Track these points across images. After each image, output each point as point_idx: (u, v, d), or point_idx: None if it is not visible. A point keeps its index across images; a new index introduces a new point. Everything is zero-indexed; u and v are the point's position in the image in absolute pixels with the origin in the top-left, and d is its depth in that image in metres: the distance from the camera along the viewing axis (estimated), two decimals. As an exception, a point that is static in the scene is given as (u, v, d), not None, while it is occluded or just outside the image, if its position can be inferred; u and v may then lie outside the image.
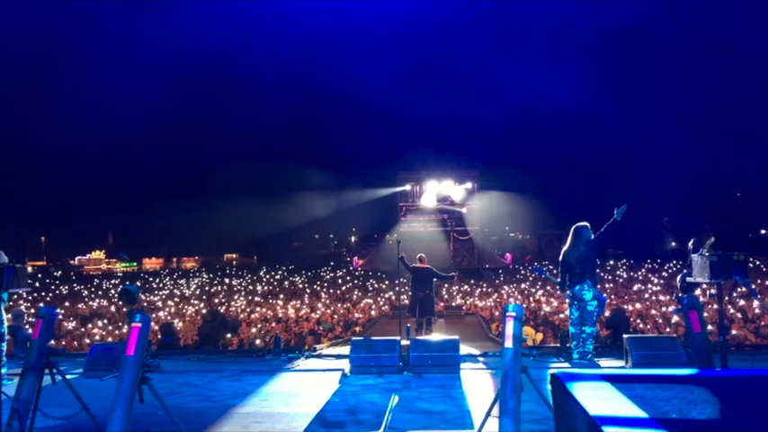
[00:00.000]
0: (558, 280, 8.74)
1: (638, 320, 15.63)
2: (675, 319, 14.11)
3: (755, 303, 15.07)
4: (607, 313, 13.69)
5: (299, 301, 24.49)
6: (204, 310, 21.49)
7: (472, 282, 31.95)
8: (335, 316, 19.69)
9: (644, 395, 3.45)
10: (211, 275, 46.03)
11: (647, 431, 2.88)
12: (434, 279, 11.46)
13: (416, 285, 11.25)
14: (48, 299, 29.85)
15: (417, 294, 11.15)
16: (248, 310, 22.22)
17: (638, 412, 3.27)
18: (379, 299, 25.00)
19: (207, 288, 34.81)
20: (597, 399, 3.47)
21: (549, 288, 23.11)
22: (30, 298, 27.09)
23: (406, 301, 12.67)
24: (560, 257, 8.59)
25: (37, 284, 36.37)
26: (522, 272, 34.77)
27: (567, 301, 8.57)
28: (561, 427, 3.87)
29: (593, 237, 8.39)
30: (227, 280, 40.04)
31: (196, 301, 26.37)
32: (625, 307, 17.34)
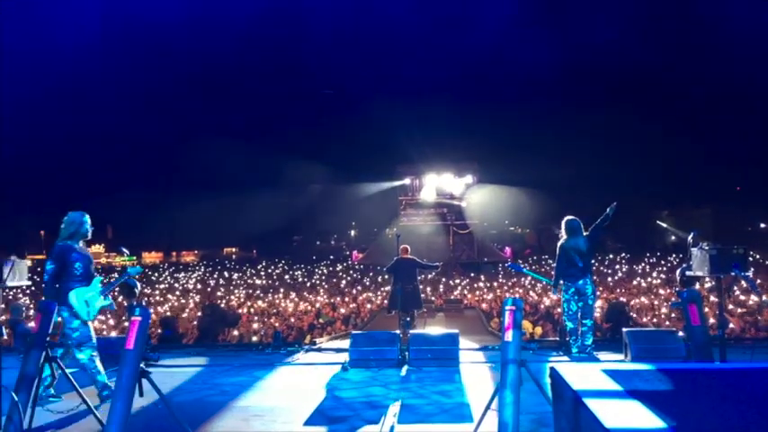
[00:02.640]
0: (545, 276, 8.72)
1: (638, 314, 15.65)
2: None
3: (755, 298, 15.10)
4: (599, 303, 13.73)
5: (298, 295, 24.53)
6: (204, 304, 21.50)
7: (472, 275, 31.99)
8: (335, 310, 19.72)
9: (645, 389, 3.46)
10: (211, 269, 46.07)
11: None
12: (418, 269, 11.01)
13: (400, 278, 10.53)
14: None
15: (404, 287, 10.55)
16: (248, 303, 22.25)
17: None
18: (378, 293, 25.04)
19: (207, 282, 34.85)
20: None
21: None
22: (29, 291, 27.11)
23: None
24: (558, 251, 8.48)
25: (36, 278, 36.34)
26: (522, 266, 34.79)
27: (565, 296, 8.41)
28: (559, 419, 3.89)
29: (586, 231, 8.41)
30: (226, 273, 40.08)
31: (196, 295, 26.41)
32: (624, 300, 17.36)
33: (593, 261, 8.67)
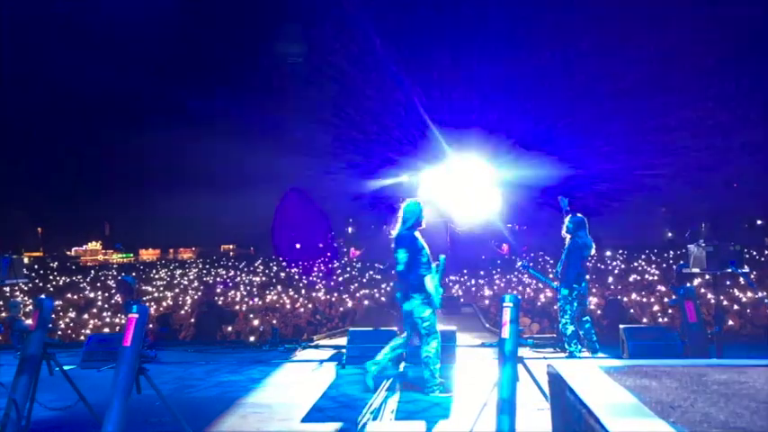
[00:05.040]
0: (551, 279, 8.53)
1: (635, 311, 15.67)
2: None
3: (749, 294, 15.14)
4: (596, 300, 13.67)
5: (295, 292, 24.52)
6: (201, 301, 21.47)
7: (466, 271, 31.97)
8: (332, 307, 19.71)
9: (642, 386, 3.47)
10: (208, 266, 46.01)
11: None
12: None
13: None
14: (47, 290, 29.83)
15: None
16: (246, 300, 22.23)
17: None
18: (375, 290, 25.01)
19: (204, 279, 34.80)
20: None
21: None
22: (26, 289, 27.05)
23: None
24: (572, 251, 7.92)
25: (34, 275, 36.35)
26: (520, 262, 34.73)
27: (569, 298, 7.92)
28: (556, 415, 3.90)
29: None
30: (223, 271, 40.04)
31: (193, 292, 26.37)
32: (621, 297, 17.38)
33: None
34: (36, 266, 47.29)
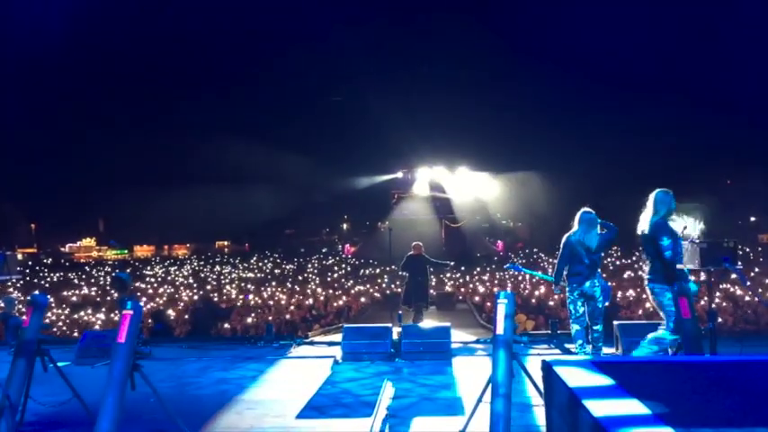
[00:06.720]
0: (546, 273, 8.47)
1: (629, 306, 15.73)
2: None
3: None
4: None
5: (290, 289, 24.51)
6: (195, 298, 21.45)
7: (463, 268, 32.04)
8: (327, 303, 19.72)
9: (636, 382, 3.49)
10: (203, 263, 45.96)
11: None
12: (429, 267, 11.28)
13: (411, 274, 11.01)
14: (40, 286, 29.74)
15: (409, 283, 10.92)
16: (240, 297, 22.21)
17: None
18: (370, 286, 25.03)
19: (199, 275, 34.76)
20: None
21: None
22: (19, 285, 26.95)
23: (398, 290, 12.59)
24: (562, 245, 7.47)
25: (27, 272, 36.23)
26: (515, 259, 34.86)
27: (569, 296, 7.45)
28: (551, 411, 3.92)
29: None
30: (218, 267, 40.00)
31: (188, 290, 26.33)
32: (615, 294, 17.43)
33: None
34: (30, 263, 47.17)
